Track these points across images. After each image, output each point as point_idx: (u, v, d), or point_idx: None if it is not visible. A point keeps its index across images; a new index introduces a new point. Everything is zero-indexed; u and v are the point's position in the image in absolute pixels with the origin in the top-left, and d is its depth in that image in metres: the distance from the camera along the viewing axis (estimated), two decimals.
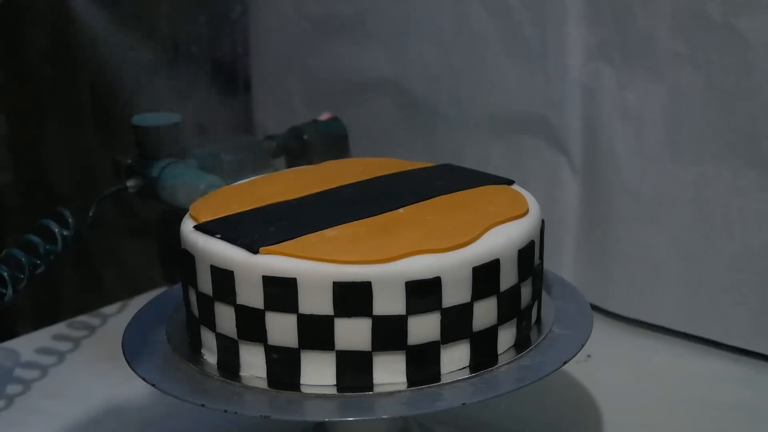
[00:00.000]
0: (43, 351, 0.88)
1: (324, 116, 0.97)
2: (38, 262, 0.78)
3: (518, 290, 0.63)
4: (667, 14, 0.80)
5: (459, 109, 0.95)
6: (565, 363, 0.61)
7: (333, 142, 0.96)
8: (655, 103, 0.83)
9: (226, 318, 0.61)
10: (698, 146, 0.81)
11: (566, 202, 0.90)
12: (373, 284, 0.58)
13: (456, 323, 0.60)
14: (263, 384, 0.60)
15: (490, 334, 0.62)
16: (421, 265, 0.59)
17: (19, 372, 0.83)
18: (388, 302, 0.58)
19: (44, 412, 0.78)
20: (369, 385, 0.60)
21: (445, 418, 0.73)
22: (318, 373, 0.60)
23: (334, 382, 0.60)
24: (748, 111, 0.78)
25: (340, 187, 0.70)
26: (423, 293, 0.59)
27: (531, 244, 0.63)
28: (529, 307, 0.65)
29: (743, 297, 0.81)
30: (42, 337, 0.91)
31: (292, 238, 0.60)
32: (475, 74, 0.93)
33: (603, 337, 0.83)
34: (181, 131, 0.88)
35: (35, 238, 0.79)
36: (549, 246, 0.68)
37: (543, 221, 0.66)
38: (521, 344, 0.63)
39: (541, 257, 0.66)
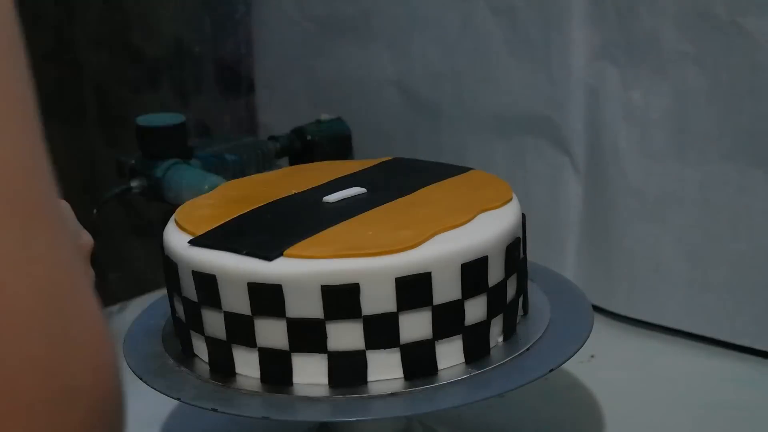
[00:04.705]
0: None
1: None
2: None
3: (525, 264, 0.65)
4: (672, 13, 0.80)
5: (463, 110, 0.95)
6: (565, 361, 0.61)
7: (337, 143, 0.96)
8: (660, 102, 0.83)
9: (272, 334, 0.58)
10: (704, 146, 0.81)
11: (569, 202, 0.90)
12: (432, 274, 0.57)
13: (497, 301, 0.61)
14: (324, 391, 0.58)
15: (515, 306, 0.64)
16: (470, 247, 0.59)
17: None
18: (446, 289, 0.58)
19: None
20: (434, 373, 0.59)
21: (448, 419, 0.72)
22: (383, 370, 0.59)
23: (401, 375, 0.59)
24: (754, 110, 0.78)
25: (314, 188, 0.68)
26: (474, 275, 0.59)
27: (524, 217, 0.65)
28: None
29: (748, 296, 0.81)
30: None
31: (312, 236, 0.59)
32: (479, 74, 0.93)
33: (606, 337, 0.83)
34: (184, 132, 0.88)
35: None
36: (552, 247, 0.68)
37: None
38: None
39: None
